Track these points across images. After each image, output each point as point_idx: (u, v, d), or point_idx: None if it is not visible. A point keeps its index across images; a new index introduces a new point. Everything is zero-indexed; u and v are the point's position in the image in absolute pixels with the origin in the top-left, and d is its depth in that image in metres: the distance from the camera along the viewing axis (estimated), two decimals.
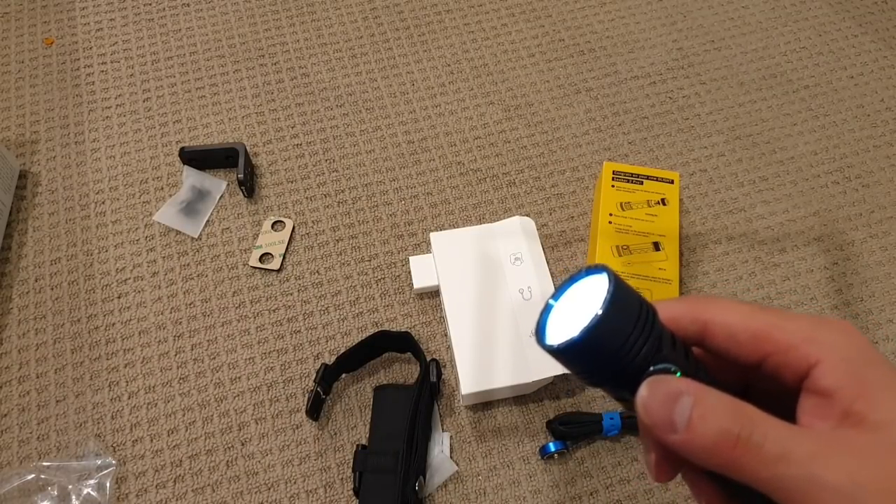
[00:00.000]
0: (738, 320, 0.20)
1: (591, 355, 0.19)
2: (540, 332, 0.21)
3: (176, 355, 0.57)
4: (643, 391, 0.19)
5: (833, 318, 0.20)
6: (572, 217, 0.64)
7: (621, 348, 0.19)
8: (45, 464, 0.51)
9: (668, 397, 0.18)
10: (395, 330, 0.56)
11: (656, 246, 0.57)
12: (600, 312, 0.19)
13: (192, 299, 0.59)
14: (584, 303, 0.20)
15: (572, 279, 0.21)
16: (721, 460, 0.17)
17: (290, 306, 0.59)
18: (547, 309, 0.21)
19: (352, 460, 0.51)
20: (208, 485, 0.51)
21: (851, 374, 0.18)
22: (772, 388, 0.21)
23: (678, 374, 0.19)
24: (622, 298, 0.19)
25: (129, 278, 0.60)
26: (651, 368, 0.19)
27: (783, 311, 0.20)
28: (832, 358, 0.18)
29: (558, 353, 0.20)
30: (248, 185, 0.63)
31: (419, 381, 0.52)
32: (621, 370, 0.20)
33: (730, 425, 0.17)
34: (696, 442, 0.17)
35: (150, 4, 0.78)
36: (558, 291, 0.22)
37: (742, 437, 0.17)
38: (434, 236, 0.58)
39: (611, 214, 0.59)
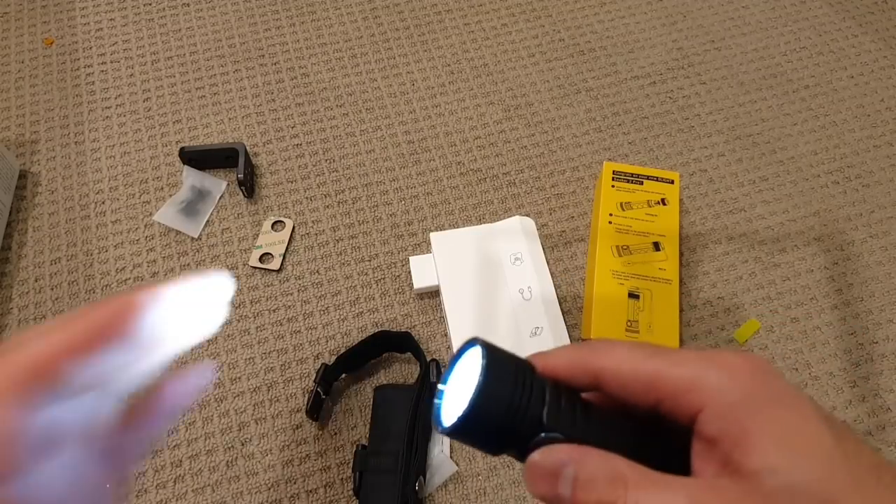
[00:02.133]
0: (628, 369, 0.20)
1: (481, 428, 0.20)
2: (436, 419, 0.21)
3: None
4: (528, 466, 0.19)
5: (727, 355, 0.19)
6: (572, 217, 0.64)
7: (507, 412, 0.19)
8: None
9: (552, 471, 0.18)
10: (395, 330, 0.56)
11: (656, 246, 0.57)
12: (480, 381, 0.19)
13: None
14: (467, 379, 0.20)
15: (454, 359, 0.22)
16: None
17: (290, 306, 0.59)
18: (439, 395, 0.22)
19: (352, 460, 0.51)
20: (208, 485, 0.51)
21: (732, 421, 0.18)
22: (672, 422, 0.21)
23: (563, 438, 0.20)
24: (496, 365, 0.20)
25: (129, 278, 0.60)
26: (543, 436, 0.20)
27: (675, 355, 0.20)
28: (713, 405, 0.18)
29: (453, 434, 0.20)
30: (248, 186, 0.63)
31: (419, 381, 0.52)
32: (513, 434, 0.20)
33: (606, 495, 0.18)
34: None
35: (150, 4, 0.78)
36: (446, 373, 0.22)
37: None
38: (434, 236, 0.58)
39: (611, 214, 0.59)
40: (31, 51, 0.74)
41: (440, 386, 0.22)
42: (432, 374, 0.53)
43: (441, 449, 0.52)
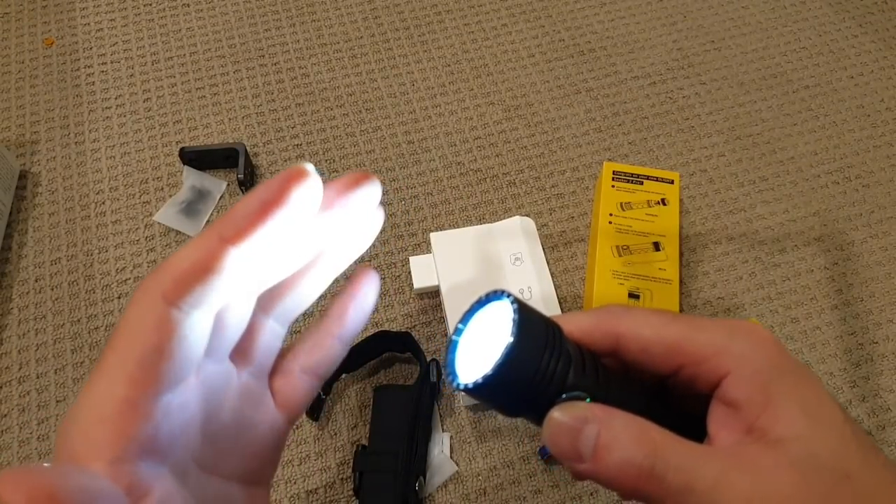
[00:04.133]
0: (651, 333, 0.20)
1: (506, 388, 0.18)
2: (451, 373, 0.20)
3: None
4: (549, 421, 0.18)
5: (747, 324, 0.19)
6: (572, 217, 0.64)
7: (535, 375, 0.18)
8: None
9: (574, 427, 0.18)
10: (395, 330, 0.56)
11: (656, 246, 0.57)
12: (511, 341, 0.18)
13: None
14: (489, 333, 0.19)
15: (472, 309, 0.20)
16: (627, 490, 0.17)
17: None
18: (452, 346, 0.20)
19: (352, 460, 0.51)
20: None
21: (758, 386, 0.18)
22: (689, 388, 0.21)
23: (587, 399, 0.19)
24: (528, 324, 0.18)
25: (130, 278, 0.60)
26: (563, 396, 0.19)
27: (696, 321, 0.20)
28: (741, 370, 0.18)
29: (473, 391, 0.19)
30: (249, 186, 0.63)
31: (419, 382, 0.52)
32: (536, 398, 0.19)
33: (633, 455, 0.17)
34: (601, 472, 0.17)
35: (151, 5, 0.78)
36: (460, 325, 0.20)
37: (645, 468, 0.17)
38: (434, 236, 0.58)
39: (611, 214, 0.59)
40: (32, 51, 0.74)
41: (454, 337, 0.20)
42: (432, 374, 0.53)
43: (441, 449, 0.52)
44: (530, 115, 0.70)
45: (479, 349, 0.19)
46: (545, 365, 0.18)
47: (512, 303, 0.19)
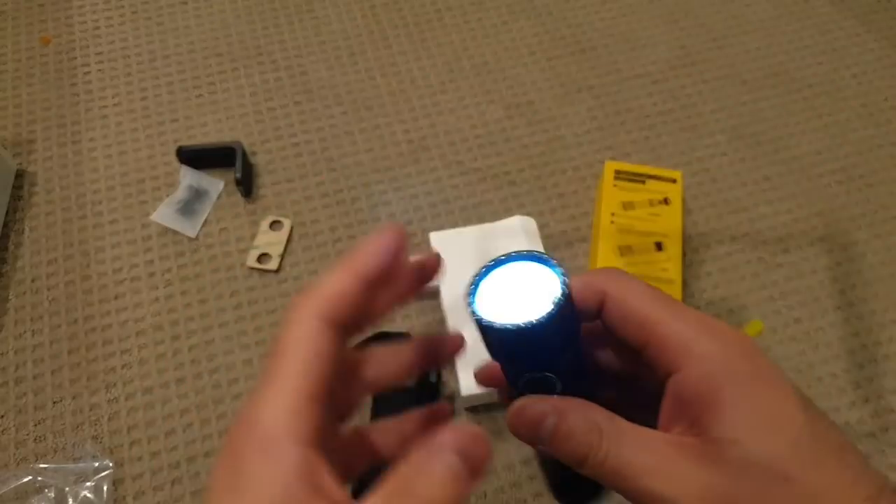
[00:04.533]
0: (633, 303, 0.21)
1: (521, 353, 0.20)
2: (473, 309, 0.20)
3: (173, 356, 0.56)
4: (513, 411, 0.21)
5: (723, 327, 0.20)
6: (574, 217, 0.63)
7: (547, 355, 0.20)
8: (41, 466, 0.51)
9: (535, 420, 0.20)
10: (394, 330, 0.56)
11: (659, 246, 0.57)
12: (546, 315, 0.18)
13: (189, 300, 0.59)
14: (520, 291, 0.20)
15: (506, 259, 0.21)
16: (576, 467, 0.20)
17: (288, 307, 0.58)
18: (475, 283, 0.21)
19: None
20: (206, 487, 0.51)
21: (708, 388, 0.19)
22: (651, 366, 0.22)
23: (556, 387, 0.20)
24: (566, 306, 0.19)
25: (127, 279, 0.60)
26: (546, 375, 0.20)
27: (678, 310, 0.20)
28: (694, 368, 0.19)
29: (492, 334, 0.19)
30: (246, 185, 0.63)
31: (419, 382, 0.52)
32: (539, 365, 0.20)
33: (581, 443, 0.20)
34: (556, 454, 0.20)
35: (148, 3, 0.77)
36: (489, 267, 0.21)
37: (590, 454, 0.19)
38: (434, 236, 0.58)
39: (613, 214, 0.58)
40: (28, 49, 0.73)
41: (476, 278, 0.21)
42: (432, 374, 0.52)
43: None
44: (531, 114, 0.70)
45: (502, 301, 0.20)
46: (567, 339, 0.20)
47: (563, 278, 0.19)
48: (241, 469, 0.17)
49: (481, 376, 0.25)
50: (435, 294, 0.58)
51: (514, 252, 0.21)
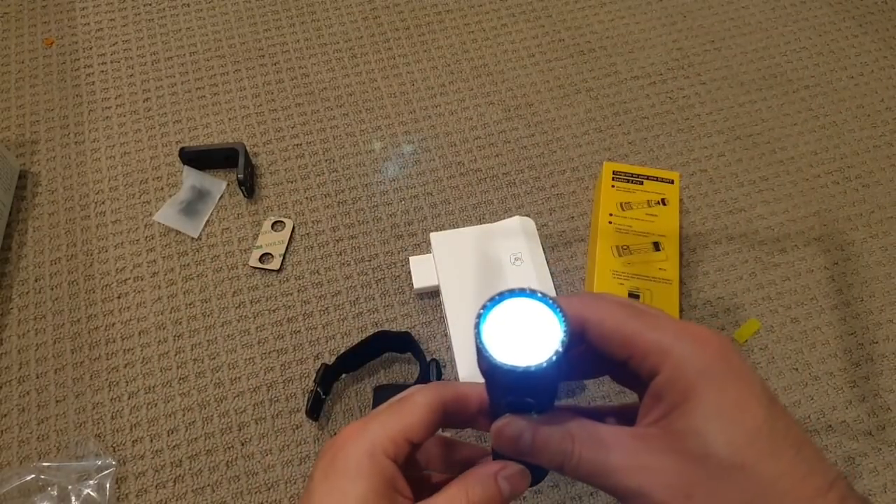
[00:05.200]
0: (610, 324, 0.22)
1: (520, 386, 0.21)
2: (479, 341, 0.20)
3: (176, 355, 0.56)
4: (496, 431, 0.23)
5: (698, 330, 0.21)
6: (572, 217, 0.64)
7: (544, 389, 0.21)
8: (44, 464, 0.51)
9: (514, 437, 0.22)
10: (395, 330, 0.56)
11: (656, 246, 0.57)
12: (548, 360, 0.19)
13: (191, 299, 0.59)
14: (523, 328, 0.20)
15: (516, 292, 0.21)
16: (563, 474, 0.22)
17: (289, 306, 0.59)
18: (482, 316, 0.21)
19: None
20: (208, 485, 0.51)
21: (680, 385, 0.20)
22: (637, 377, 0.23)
23: (533, 413, 0.22)
24: (567, 351, 0.20)
25: (129, 278, 0.60)
26: (528, 401, 0.22)
27: (654, 320, 0.22)
28: (671, 370, 0.21)
29: (495, 369, 0.20)
30: (248, 186, 0.63)
31: (419, 381, 0.52)
32: (531, 396, 0.21)
33: (556, 452, 0.21)
34: (538, 464, 0.22)
35: (150, 5, 0.78)
36: (496, 299, 0.21)
37: (566, 462, 0.21)
38: (434, 236, 0.58)
39: (611, 214, 0.59)
40: (32, 51, 0.74)
41: (482, 311, 0.21)
42: (432, 373, 0.53)
43: None
44: (530, 115, 0.70)
45: (506, 335, 0.20)
46: (559, 377, 0.20)
47: (565, 325, 0.20)
48: None
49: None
50: (435, 294, 0.59)
51: (518, 288, 0.21)
